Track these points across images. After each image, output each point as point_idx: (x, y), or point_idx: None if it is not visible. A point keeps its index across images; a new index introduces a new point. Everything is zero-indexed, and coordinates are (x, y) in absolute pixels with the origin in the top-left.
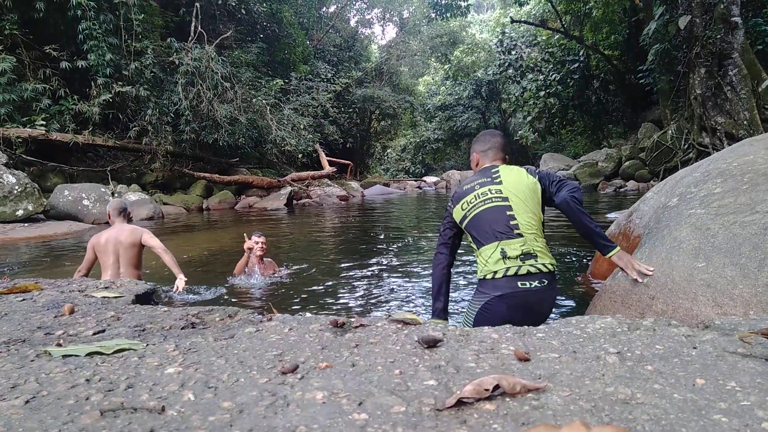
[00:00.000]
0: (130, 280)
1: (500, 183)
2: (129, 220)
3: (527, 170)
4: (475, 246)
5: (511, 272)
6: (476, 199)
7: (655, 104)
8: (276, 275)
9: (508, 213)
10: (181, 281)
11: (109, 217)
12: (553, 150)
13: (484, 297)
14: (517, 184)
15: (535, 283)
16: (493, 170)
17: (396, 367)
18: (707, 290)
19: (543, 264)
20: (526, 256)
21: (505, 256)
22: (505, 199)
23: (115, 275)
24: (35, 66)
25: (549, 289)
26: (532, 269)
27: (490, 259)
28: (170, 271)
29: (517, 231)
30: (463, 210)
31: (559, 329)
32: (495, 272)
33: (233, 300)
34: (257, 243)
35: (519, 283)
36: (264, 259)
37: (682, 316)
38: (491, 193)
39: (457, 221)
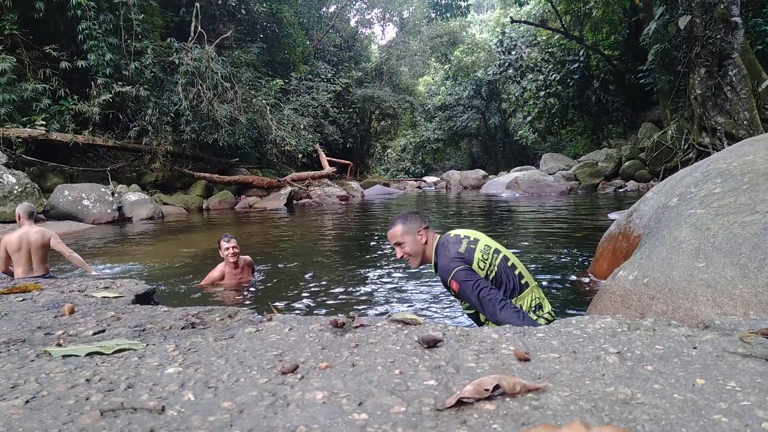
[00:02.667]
0: (131, 280)
1: (479, 240)
2: (36, 222)
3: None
4: None
5: None
6: (486, 259)
7: (655, 104)
8: (253, 277)
9: (509, 264)
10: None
11: (19, 219)
12: (553, 150)
13: None
14: (486, 237)
15: None
16: (454, 235)
17: (396, 367)
18: (707, 290)
19: (549, 313)
20: (536, 307)
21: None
22: (499, 252)
23: (27, 271)
24: (35, 66)
25: None
26: (542, 322)
27: None
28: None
29: (524, 281)
30: (482, 269)
31: (559, 329)
32: None
33: (233, 300)
34: (227, 249)
35: None
36: (240, 258)
37: (682, 316)
38: (489, 250)
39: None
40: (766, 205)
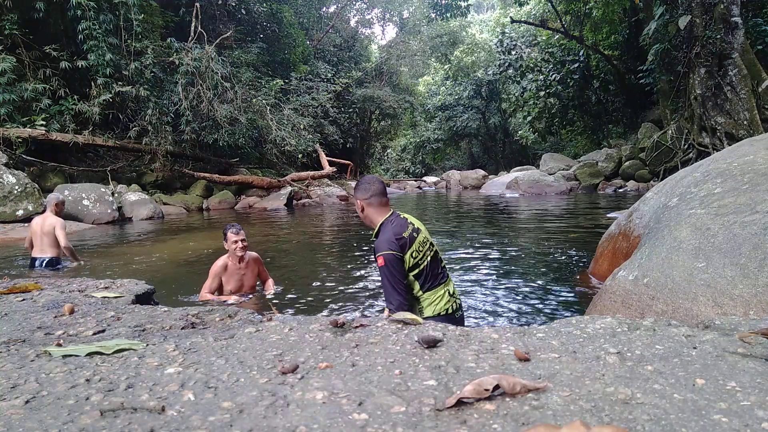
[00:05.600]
0: (131, 280)
1: (421, 231)
2: (59, 213)
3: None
4: (419, 288)
5: (455, 307)
6: (422, 248)
7: (655, 104)
8: (273, 287)
9: (439, 258)
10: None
11: (47, 207)
12: (553, 150)
13: None
14: (426, 230)
15: (461, 312)
16: (403, 217)
17: (396, 367)
18: (707, 290)
19: (458, 296)
20: (454, 292)
21: (451, 295)
22: (432, 245)
23: (39, 251)
24: (35, 66)
25: (463, 314)
26: (458, 301)
27: (441, 300)
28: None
29: (446, 272)
30: (414, 258)
31: (559, 329)
32: (446, 309)
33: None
34: (236, 243)
35: (456, 315)
36: (246, 254)
37: (682, 316)
38: (427, 242)
39: (407, 267)
40: (766, 205)
